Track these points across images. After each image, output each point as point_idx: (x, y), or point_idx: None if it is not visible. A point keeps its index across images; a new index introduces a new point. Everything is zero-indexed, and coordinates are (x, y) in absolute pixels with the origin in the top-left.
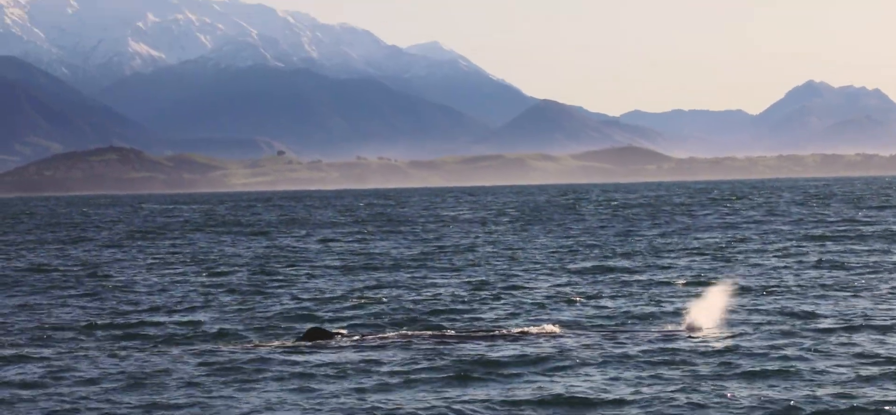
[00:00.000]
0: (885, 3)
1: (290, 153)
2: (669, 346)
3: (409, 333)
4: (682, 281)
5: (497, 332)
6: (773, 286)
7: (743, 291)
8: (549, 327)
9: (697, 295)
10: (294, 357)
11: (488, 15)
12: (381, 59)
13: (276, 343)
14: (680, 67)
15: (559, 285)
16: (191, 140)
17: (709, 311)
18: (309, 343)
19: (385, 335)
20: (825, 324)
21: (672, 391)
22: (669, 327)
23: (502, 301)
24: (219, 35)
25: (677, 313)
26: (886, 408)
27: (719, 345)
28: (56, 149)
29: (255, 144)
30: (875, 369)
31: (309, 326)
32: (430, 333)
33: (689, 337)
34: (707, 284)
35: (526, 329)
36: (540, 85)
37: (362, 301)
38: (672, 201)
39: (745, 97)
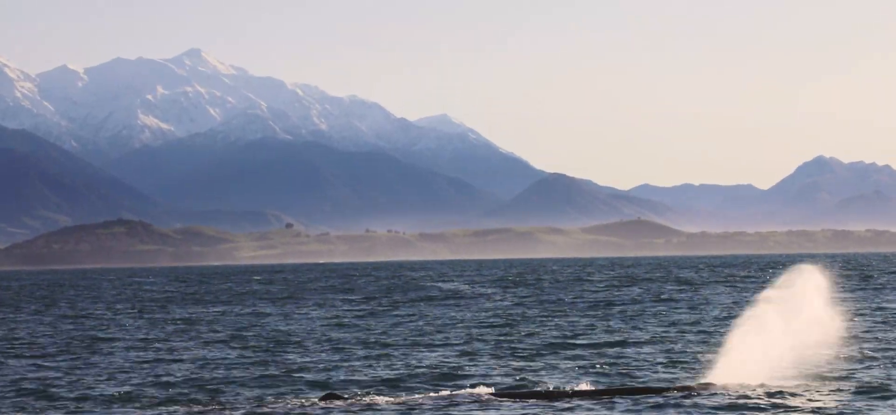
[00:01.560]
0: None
1: (298, 226)
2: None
3: (416, 396)
4: (672, 351)
5: (496, 394)
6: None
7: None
8: (546, 390)
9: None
10: None
11: (498, 88)
12: (391, 131)
13: (293, 405)
14: (689, 142)
15: (556, 354)
16: (200, 212)
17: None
18: (323, 405)
19: (392, 399)
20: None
21: None
22: (662, 390)
23: (501, 369)
24: (228, 108)
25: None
26: None
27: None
28: (65, 222)
29: (264, 217)
30: None
31: (322, 392)
32: (432, 395)
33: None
34: (703, 356)
35: (523, 391)
36: (549, 158)
37: (370, 368)
38: (679, 276)
39: (755, 172)
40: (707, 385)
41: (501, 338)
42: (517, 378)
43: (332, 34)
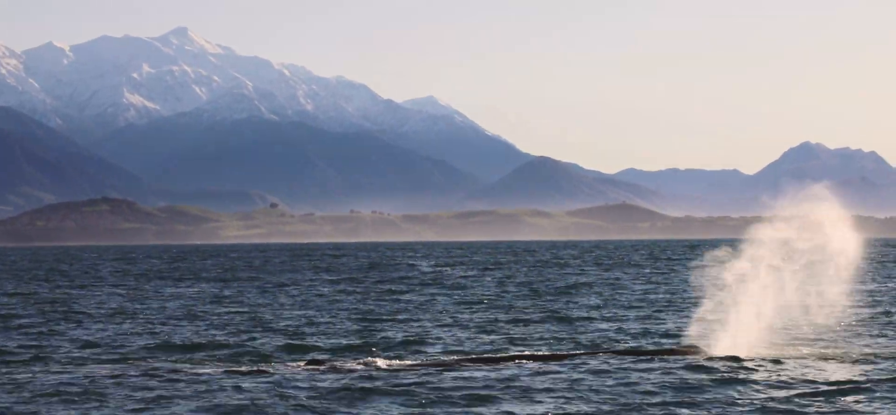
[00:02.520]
0: (882, 67)
1: (283, 206)
2: (626, 370)
3: (393, 362)
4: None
5: (465, 359)
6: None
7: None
8: (523, 354)
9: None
10: (311, 381)
11: (484, 71)
12: (377, 112)
13: (277, 368)
14: (675, 127)
15: (531, 326)
16: (185, 192)
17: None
18: (306, 368)
19: (370, 362)
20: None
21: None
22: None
23: (474, 339)
24: (214, 87)
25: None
26: None
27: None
28: (49, 199)
29: (249, 197)
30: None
31: (308, 357)
32: (408, 362)
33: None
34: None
35: (501, 356)
36: (535, 141)
37: (350, 337)
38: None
39: (740, 157)
40: (683, 349)
41: (477, 313)
42: (490, 346)
43: (319, 14)
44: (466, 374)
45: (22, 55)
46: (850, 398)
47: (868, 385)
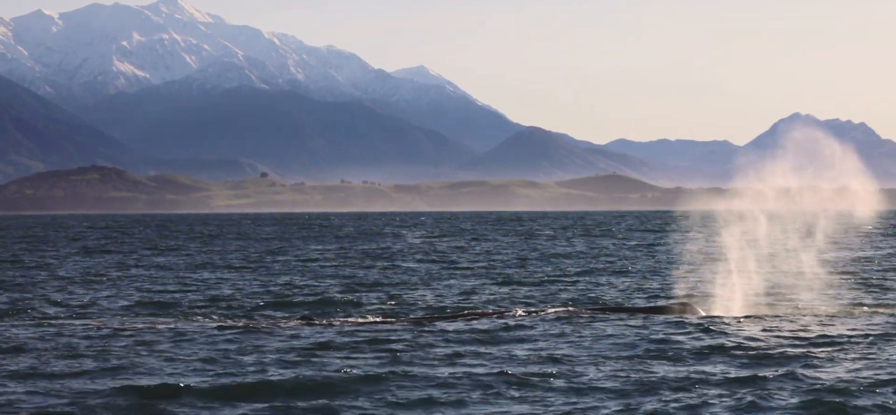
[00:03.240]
0: (871, 38)
1: (273, 175)
2: (612, 328)
3: (375, 319)
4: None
5: (462, 315)
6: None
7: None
8: (505, 310)
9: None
10: (289, 336)
11: (475, 40)
12: (368, 82)
13: (270, 324)
14: (666, 98)
15: (516, 287)
16: (174, 161)
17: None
18: (298, 324)
19: (358, 320)
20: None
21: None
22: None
23: (463, 301)
24: (204, 56)
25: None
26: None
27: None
28: (39, 167)
29: (239, 166)
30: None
31: (288, 314)
32: (391, 319)
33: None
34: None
35: (482, 313)
36: (526, 111)
37: (342, 296)
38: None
39: (731, 128)
40: (667, 307)
41: (463, 280)
42: (474, 303)
43: None
44: (447, 328)
45: (11, 23)
46: (824, 351)
47: (846, 341)
